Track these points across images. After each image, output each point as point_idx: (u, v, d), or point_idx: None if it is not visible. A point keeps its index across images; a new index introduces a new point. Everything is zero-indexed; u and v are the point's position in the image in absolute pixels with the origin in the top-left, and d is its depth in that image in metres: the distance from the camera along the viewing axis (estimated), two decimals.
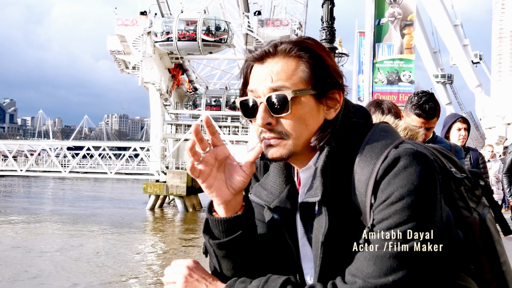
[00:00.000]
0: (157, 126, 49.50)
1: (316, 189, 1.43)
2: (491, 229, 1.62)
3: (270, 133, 1.48)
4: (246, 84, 1.55)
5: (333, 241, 1.43)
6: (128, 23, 47.65)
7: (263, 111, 1.46)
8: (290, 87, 1.45)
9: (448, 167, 1.59)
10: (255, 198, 1.64)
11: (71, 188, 71.14)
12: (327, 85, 1.49)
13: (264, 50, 1.49)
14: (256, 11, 49.85)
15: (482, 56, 59.45)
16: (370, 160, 1.39)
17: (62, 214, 40.83)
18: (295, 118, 1.46)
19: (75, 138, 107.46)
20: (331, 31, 11.98)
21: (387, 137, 1.45)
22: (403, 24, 18.70)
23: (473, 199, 1.64)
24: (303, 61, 1.47)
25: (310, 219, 1.49)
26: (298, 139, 1.47)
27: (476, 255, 1.55)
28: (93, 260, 24.00)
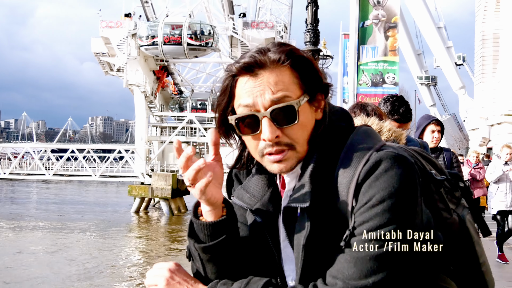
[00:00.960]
0: (142, 129, 49.33)
1: (305, 195, 1.43)
2: (470, 230, 1.63)
3: (276, 146, 1.46)
4: (232, 99, 1.52)
5: (315, 243, 1.43)
6: (113, 25, 47.52)
7: (269, 125, 1.43)
8: (292, 97, 1.44)
9: (428, 169, 1.60)
10: (237, 200, 1.64)
11: (55, 191, 70.60)
12: (316, 88, 1.50)
13: (254, 61, 1.46)
14: (241, 13, 49.93)
15: (465, 58, 60.06)
16: (352, 163, 1.40)
17: (45, 217, 40.51)
18: (300, 126, 1.46)
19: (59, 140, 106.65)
20: (315, 33, 11.99)
21: (368, 140, 1.46)
22: (387, 26, 18.79)
23: (453, 200, 1.65)
24: (294, 68, 1.47)
25: (293, 222, 1.49)
26: (303, 145, 1.48)
27: (456, 256, 1.56)
28: (77, 263, 23.84)
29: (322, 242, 1.42)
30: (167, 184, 44.69)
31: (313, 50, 11.84)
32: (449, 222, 1.56)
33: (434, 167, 1.67)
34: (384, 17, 18.59)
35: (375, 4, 18.41)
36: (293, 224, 1.49)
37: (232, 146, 1.63)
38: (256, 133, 1.47)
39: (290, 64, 1.46)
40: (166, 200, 44.62)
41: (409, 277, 1.34)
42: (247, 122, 1.48)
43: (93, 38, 50.85)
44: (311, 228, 1.42)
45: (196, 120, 49.48)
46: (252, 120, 1.47)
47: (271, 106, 1.43)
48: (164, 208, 44.82)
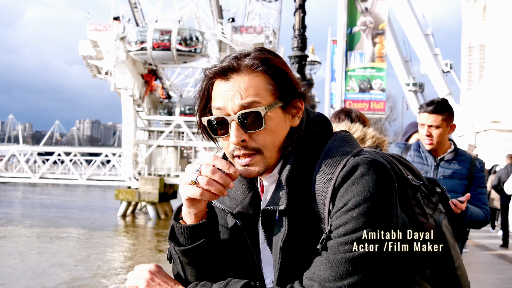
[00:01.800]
0: (130, 132, 49.13)
1: (281, 198, 1.45)
2: (446, 235, 1.65)
3: (244, 150, 1.49)
4: (209, 102, 1.55)
5: (292, 246, 1.45)
6: (101, 28, 47.34)
7: (236, 129, 1.46)
8: (261, 103, 1.46)
9: (406, 174, 1.63)
10: (218, 204, 1.66)
11: (41, 194, 70.09)
12: (291, 95, 1.52)
13: (227, 66, 1.49)
14: (230, 18, 49.98)
15: (452, 65, 60.29)
16: (329, 168, 1.42)
17: (31, 220, 40.19)
18: (268, 132, 1.48)
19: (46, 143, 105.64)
20: (303, 39, 12.05)
21: (346, 146, 1.48)
22: (375, 33, 18.92)
23: (430, 205, 1.68)
24: (267, 75, 1.49)
25: (271, 225, 1.52)
26: (272, 151, 1.50)
27: (431, 260, 1.58)
28: (62, 267, 23.68)
29: (299, 245, 1.45)
30: (154, 188, 44.52)
31: (300, 56, 11.91)
32: (425, 227, 1.59)
33: (411, 172, 1.70)
34: (372, 24, 18.72)
35: (363, 11, 18.53)
36: (272, 227, 1.52)
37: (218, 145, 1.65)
38: (226, 135, 1.50)
39: (264, 71, 1.48)
40: (153, 204, 44.43)
41: (383, 279, 1.36)
42: (219, 124, 1.51)
43: (81, 41, 50.59)
44: (288, 231, 1.45)
45: (184, 124, 49.38)
46: (222, 123, 1.50)
47: (240, 111, 1.46)
48: (151, 212, 44.62)
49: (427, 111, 4.15)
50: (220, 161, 1.47)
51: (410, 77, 69.43)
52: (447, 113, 4.15)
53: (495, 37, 38.64)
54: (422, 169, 4.14)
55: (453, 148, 4.30)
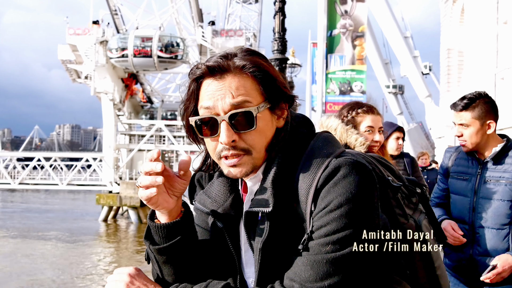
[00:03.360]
0: (110, 136, 48.82)
1: (268, 200, 1.45)
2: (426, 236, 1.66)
3: (232, 150, 1.48)
4: (197, 101, 1.54)
5: (273, 247, 1.46)
6: (80, 32, 47.01)
7: (227, 129, 1.46)
8: (252, 102, 1.47)
9: (386, 175, 1.65)
10: (199, 205, 1.65)
11: (21, 200, 69.32)
12: (278, 97, 1.52)
13: (218, 65, 1.48)
14: (210, 21, 49.99)
15: (431, 67, 60.81)
16: (311, 168, 1.43)
17: (10, 226, 39.75)
18: (258, 132, 1.48)
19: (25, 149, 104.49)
20: (283, 42, 12.06)
21: (328, 147, 1.49)
22: (355, 35, 19.03)
23: (410, 206, 1.71)
24: (256, 76, 1.49)
25: (253, 226, 1.52)
26: (260, 152, 1.50)
27: (411, 260, 1.60)
28: (42, 272, 23.45)
29: (280, 245, 1.45)
30: (136, 192, 44.20)
31: (280, 59, 11.91)
32: (405, 227, 1.60)
33: (392, 173, 1.72)
34: (352, 27, 18.83)
35: (343, 14, 18.63)
36: (254, 228, 1.51)
37: (201, 149, 1.66)
38: (215, 135, 1.49)
39: (253, 72, 1.48)
40: (135, 209, 44.18)
41: (365, 279, 1.37)
42: (207, 124, 1.50)
43: (60, 45, 50.18)
44: (269, 232, 1.45)
45: (165, 128, 49.26)
46: (211, 123, 1.49)
47: (230, 110, 1.46)
48: (132, 216, 44.37)
49: (455, 109, 3.73)
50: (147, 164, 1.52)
51: (390, 79, 69.89)
52: (480, 109, 3.64)
53: (473, 39, 39.10)
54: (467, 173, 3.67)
55: (501, 148, 3.58)
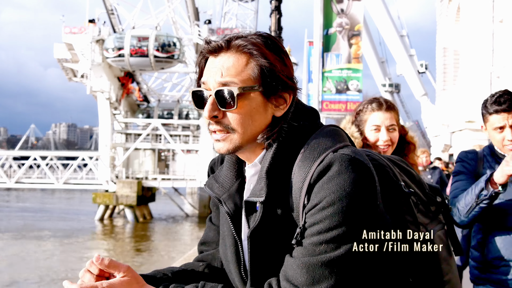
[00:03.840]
0: (106, 135, 48.76)
1: (261, 190, 1.46)
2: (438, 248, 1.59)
3: (216, 125, 1.52)
4: (201, 76, 1.58)
5: (263, 237, 1.47)
6: (76, 31, 46.96)
7: (211, 103, 1.49)
8: (238, 83, 1.48)
9: (401, 179, 1.60)
10: (208, 189, 1.68)
11: (17, 199, 69.19)
12: (275, 85, 1.52)
13: (218, 44, 1.52)
14: (206, 20, 49.91)
15: (427, 66, 60.76)
16: (307, 162, 1.42)
17: (6, 226, 39.67)
18: (242, 113, 1.49)
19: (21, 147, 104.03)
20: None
21: (328, 140, 1.47)
22: (351, 34, 19.02)
23: (429, 214, 1.66)
24: (254, 58, 1.50)
25: (254, 215, 1.53)
26: (244, 133, 1.51)
27: (417, 270, 1.54)
28: (38, 272, 23.44)
29: (271, 236, 1.47)
30: (132, 191, 44.26)
31: None
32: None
33: (410, 178, 1.68)
34: (348, 25, 18.82)
35: (339, 12, 18.62)
36: (254, 217, 1.52)
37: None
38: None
39: (252, 54, 1.50)
40: (131, 208, 44.16)
41: (362, 281, 1.36)
42: (200, 98, 1.55)
43: (55, 44, 50.17)
44: (260, 221, 1.46)
45: (161, 127, 49.23)
46: (204, 97, 1.54)
47: (217, 87, 1.50)
48: (129, 215, 44.34)
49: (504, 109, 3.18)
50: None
51: (386, 77, 69.92)
52: None
53: (469, 38, 39.15)
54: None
55: None
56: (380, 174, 1.46)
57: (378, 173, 1.45)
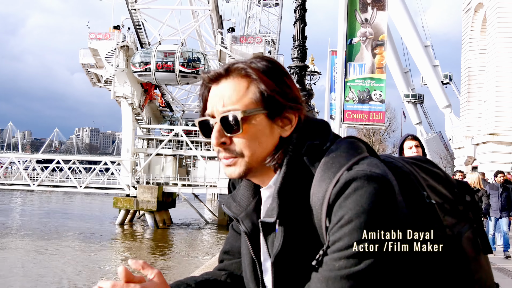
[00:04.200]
0: (129, 141, 49.20)
1: (273, 210, 1.45)
2: (465, 248, 1.59)
3: (225, 152, 1.51)
4: (205, 106, 1.58)
5: (286, 261, 1.45)
6: (101, 37, 47.60)
7: (217, 131, 1.50)
8: (241, 108, 1.48)
9: (425, 185, 1.58)
10: (226, 209, 1.68)
11: (40, 202, 69.98)
12: (278, 106, 1.51)
13: (218, 72, 1.53)
14: (230, 28, 50.16)
15: (451, 77, 60.43)
16: (323, 183, 1.40)
17: (29, 228, 40.13)
18: (248, 137, 1.49)
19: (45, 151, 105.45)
20: (303, 49, 12.04)
21: (342, 158, 1.44)
22: (375, 44, 18.90)
23: (456, 214, 1.63)
24: (254, 81, 1.50)
25: (272, 235, 1.52)
26: (252, 156, 1.51)
27: (444, 274, 1.51)
28: (59, 275, 23.62)
29: (295, 260, 1.44)
30: (153, 197, 44.49)
31: (300, 66, 11.89)
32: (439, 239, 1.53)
33: (435, 178, 1.66)
34: (372, 35, 18.71)
35: (363, 22, 18.54)
36: (272, 238, 1.51)
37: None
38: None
39: (252, 77, 1.50)
40: (151, 213, 44.40)
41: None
42: (206, 127, 1.56)
43: (81, 49, 50.87)
44: (282, 246, 1.45)
45: (183, 134, 49.53)
46: (210, 125, 1.54)
47: (221, 114, 1.50)
48: (149, 220, 44.59)
49: None
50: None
51: (410, 88, 69.62)
52: None
53: (495, 49, 38.77)
54: None
55: None
56: (402, 183, 1.44)
57: (400, 181, 1.42)
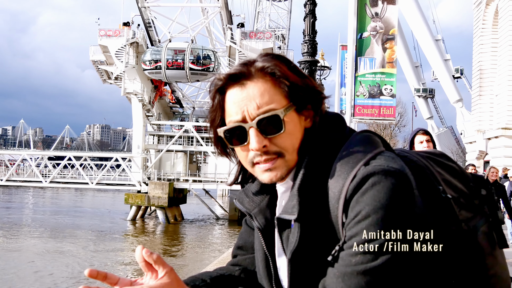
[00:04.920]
0: (139, 137, 49.35)
1: (293, 208, 1.42)
2: (480, 242, 1.57)
3: (265, 155, 1.47)
4: (223, 112, 1.53)
5: (303, 258, 1.44)
6: (111, 34, 47.70)
7: (256, 135, 1.45)
8: (278, 107, 1.45)
9: (440, 179, 1.56)
10: (238, 204, 1.66)
11: (51, 198, 70.40)
12: (304, 99, 1.50)
13: (239, 72, 1.48)
14: (239, 24, 50.09)
15: (463, 71, 59.95)
16: (340, 177, 1.38)
17: (41, 225, 40.38)
18: (287, 135, 1.46)
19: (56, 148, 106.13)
20: (313, 44, 11.99)
21: (359, 152, 1.42)
22: (385, 38, 18.80)
23: (472, 208, 1.61)
24: (279, 77, 1.47)
25: (286, 231, 1.50)
26: (292, 154, 1.48)
27: (460, 269, 1.49)
28: (70, 271, 23.75)
29: (311, 255, 1.42)
30: (164, 193, 44.63)
31: (311, 61, 11.85)
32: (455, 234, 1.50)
33: (451, 172, 1.64)
34: (382, 29, 18.61)
35: (373, 16, 18.44)
36: (287, 234, 1.50)
37: (232, 161, 1.65)
38: (245, 144, 1.48)
39: (275, 74, 1.47)
40: (163, 209, 44.55)
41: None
42: (236, 134, 1.49)
43: (91, 46, 51.03)
44: (299, 243, 1.42)
45: (193, 129, 49.61)
46: (240, 132, 1.48)
47: (257, 116, 1.45)
48: (160, 216, 44.75)
49: None
50: None
51: (420, 82, 69.21)
52: None
53: (507, 42, 38.44)
54: None
55: None
56: (417, 178, 1.41)
57: (415, 176, 1.40)
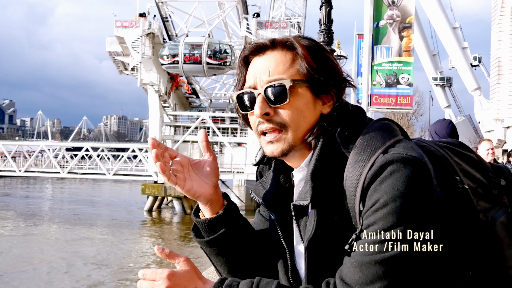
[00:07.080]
0: (156, 128, 49.56)
1: (306, 193, 1.43)
2: (499, 233, 1.55)
3: (268, 123, 1.49)
4: (244, 78, 1.57)
5: (320, 245, 1.43)
6: (127, 25, 47.82)
7: (261, 101, 1.47)
8: (288, 78, 1.47)
9: (458, 169, 1.56)
10: (254, 196, 1.67)
11: (69, 189, 71.10)
12: (323, 81, 1.49)
13: (263, 43, 1.54)
14: (255, 13, 49.95)
15: (481, 59, 59.27)
16: (358, 166, 1.37)
17: (60, 215, 40.81)
18: (293, 109, 1.47)
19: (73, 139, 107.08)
20: (329, 33, 11.94)
21: (378, 140, 1.41)
22: (402, 26, 18.64)
23: (490, 198, 1.60)
24: (300, 54, 1.49)
25: (304, 219, 1.51)
26: (297, 130, 1.48)
27: (477, 260, 1.49)
28: (89, 260, 24.00)
29: (329, 242, 1.42)
30: None
31: None
32: (473, 225, 1.50)
33: (469, 163, 1.63)
34: (399, 17, 18.45)
35: (390, 4, 18.28)
36: (304, 222, 1.50)
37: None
38: (252, 110, 1.52)
39: (297, 50, 1.49)
40: (179, 199, 44.75)
41: (419, 282, 1.29)
42: (247, 99, 1.53)
43: (107, 37, 51.25)
44: (315, 230, 1.43)
45: (210, 120, 49.72)
46: (251, 98, 1.52)
47: (266, 84, 1.48)
48: (177, 207, 44.98)
49: None
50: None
51: (438, 71, 68.57)
52: None
53: None
54: None
55: None
56: (435, 167, 1.40)
57: (433, 166, 1.38)
